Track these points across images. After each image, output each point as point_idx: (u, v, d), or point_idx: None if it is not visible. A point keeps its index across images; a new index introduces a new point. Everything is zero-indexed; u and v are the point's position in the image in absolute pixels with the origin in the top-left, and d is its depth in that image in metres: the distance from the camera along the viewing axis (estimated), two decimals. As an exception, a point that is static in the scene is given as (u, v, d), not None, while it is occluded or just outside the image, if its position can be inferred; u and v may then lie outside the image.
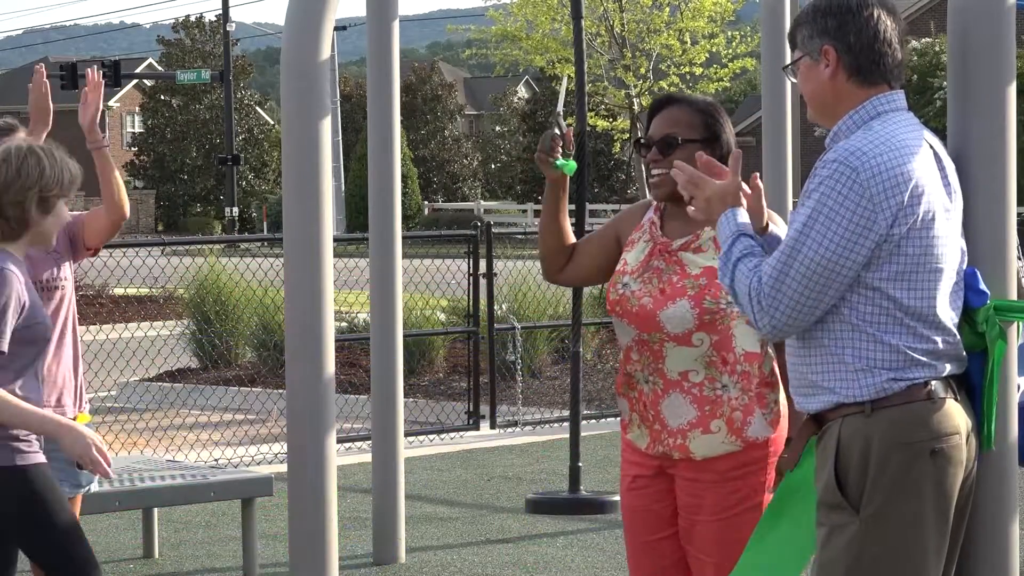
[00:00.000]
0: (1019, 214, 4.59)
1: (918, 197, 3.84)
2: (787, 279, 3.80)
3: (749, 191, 4.02)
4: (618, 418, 5.20)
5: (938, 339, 3.89)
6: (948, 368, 3.90)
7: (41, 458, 5.11)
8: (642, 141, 4.78)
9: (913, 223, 3.84)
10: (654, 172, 4.64)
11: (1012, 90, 4.13)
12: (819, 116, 4.14)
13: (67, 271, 6.13)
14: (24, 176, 5.37)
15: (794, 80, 4.19)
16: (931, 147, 4.01)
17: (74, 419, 5.64)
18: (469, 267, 13.45)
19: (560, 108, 5.14)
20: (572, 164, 5.02)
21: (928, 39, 40.94)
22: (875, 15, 3.98)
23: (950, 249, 3.94)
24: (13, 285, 5.20)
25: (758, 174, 4.11)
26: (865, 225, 3.77)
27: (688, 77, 33.44)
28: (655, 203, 4.92)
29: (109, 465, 5.25)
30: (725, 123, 4.78)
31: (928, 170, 3.93)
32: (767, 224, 4.10)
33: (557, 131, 4.93)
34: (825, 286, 3.79)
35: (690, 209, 4.13)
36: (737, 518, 4.77)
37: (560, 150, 4.93)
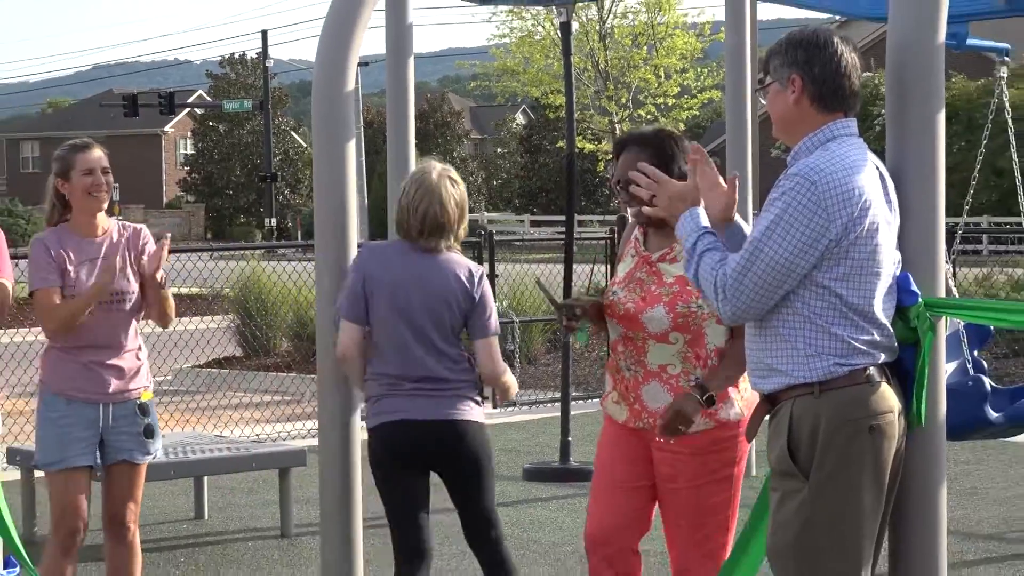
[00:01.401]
0: (947, 224, 4.64)
1: (865, 210, 3.88)
2: (749, 274, 3.83)
3: (725, 185, 4.08)
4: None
5: (875, 332, 3.94)
6: (883, 357, 3.96)
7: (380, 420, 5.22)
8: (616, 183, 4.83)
9: (860, 232, 3.87)
10: (628, 210, 4.75)
11: (941, 116, 4.16)
12: (782, 134, 4.19)
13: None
14: None
15: (764, 101, 4.22)
16: (876, 168, 4.04)
17: (139, 397, 5.76)
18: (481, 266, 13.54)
19: (558, 301, 5.19)
20: (582, 335, 5.24)
21: (869, 73, 41.01)
22: (839, 51, 4.01)
23: (888, 256, 3.96)
24: None
25: (736, 172, 4.01)
26: (820, 231, 3.80)
27: (663, 107, 33.45)
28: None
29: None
30: (675, 148, 4.72)
31: (874, 188, 3.96)
32: (734, 216, 4.15)
33: (566, 318, 5.03)
34: (781, 281, 3.83)
35: (647, 209, 4.33)
36: (709, 486, 4.80)
37: (575, 324, 5.03)
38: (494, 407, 8.40)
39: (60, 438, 5.73)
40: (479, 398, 5.44)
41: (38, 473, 7.10)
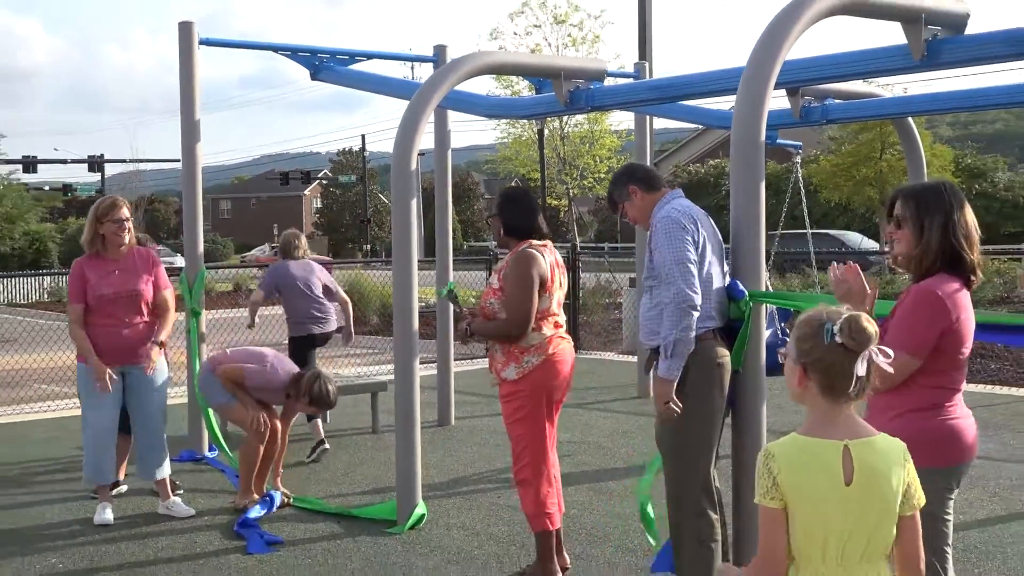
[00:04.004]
0: (767, 251, 4.27)
1: (698, 232, 3.93)
2: (674, 276, 3.81)
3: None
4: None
5: (716, 309, 3.97)
6: (719, 323, 3.99)
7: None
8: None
9: (701, 244, 3.92)
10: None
11: (762, 185, 4.08)
12: (641, 221, 4.21)
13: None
14: None
15: (625, 219, 4.27)
16: (705, 212, 4.11)
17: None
18: (487, 276, 13.31)
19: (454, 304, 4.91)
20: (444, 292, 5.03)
21: (718, 159, 41.13)
22: (641, 167, 4.26)
23: (716, 264, 3.99)
24: None
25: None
26: (688, 242, 3.86)
27: (599, 180, 33.65)
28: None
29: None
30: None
31: (704, 220, 4.02)
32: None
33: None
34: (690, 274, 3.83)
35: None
36: (509, 427, 4.54)
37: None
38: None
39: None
40: None
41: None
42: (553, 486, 4.57)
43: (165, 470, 5.73)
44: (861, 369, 2.23)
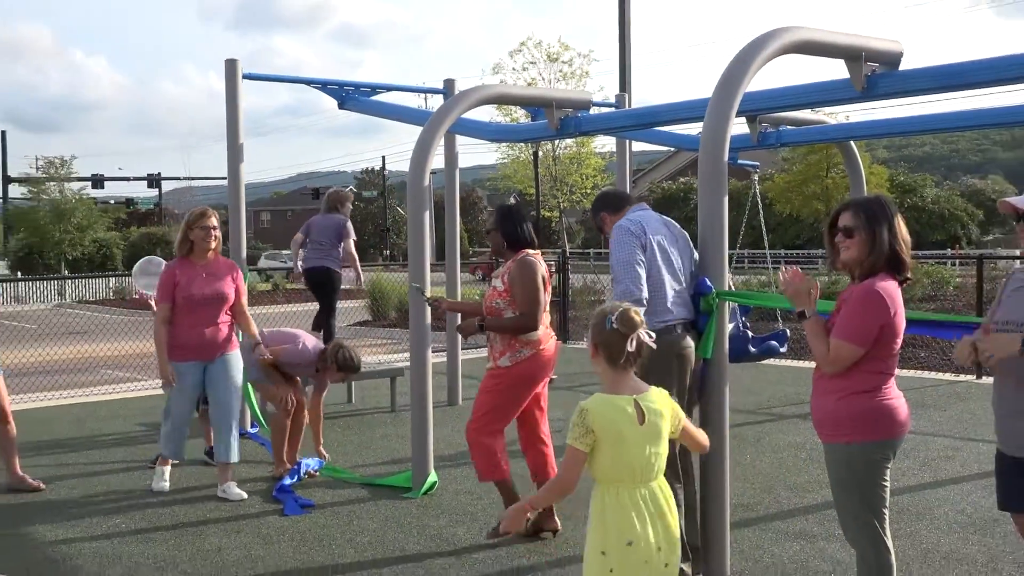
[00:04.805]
0: (730, 254, 4.18)
1: (646, 236, 3.91)
2: (621, 276, 3.84)
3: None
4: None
5: (682, 304, 3.94)
6: (685, 316, 3.95)
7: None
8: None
9: (651, 247, 3.90)
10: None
11: (725, 200, 3.95)
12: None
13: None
14: None
15: (606, 233, 4.20)
16: (666, 221, 4.08)
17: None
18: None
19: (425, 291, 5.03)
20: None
21: (688, 177, 40.96)
22: (617, 192, 4.32)
23: (676, 263, 3.94)
24: None
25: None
26: (636, 246, 3.87)
27: (585, 195, 33.57)
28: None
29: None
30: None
31: (657, 228, 3.98)
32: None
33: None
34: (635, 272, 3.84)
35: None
36: (481, 393, 4.57)
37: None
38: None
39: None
40: None
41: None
42: (502, 441, 4.57)
43: (233, 455, 5.44)
44: (631, 347, 2.72)
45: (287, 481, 5.60)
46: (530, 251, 4.61)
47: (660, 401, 2.79)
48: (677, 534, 2.75)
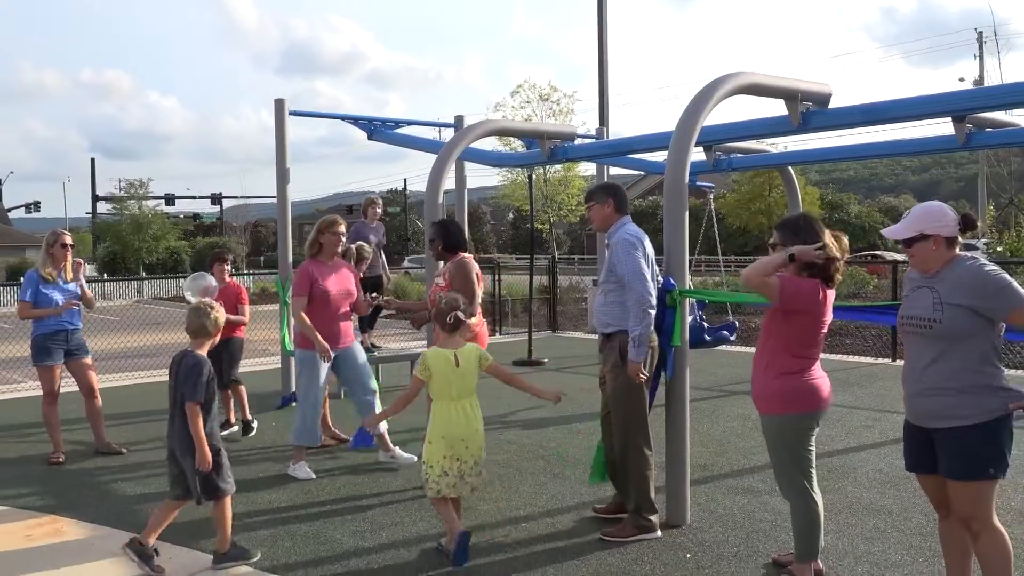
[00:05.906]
0: (690, 260, 4.00)
1: (645, 249, 3.77)
2: (634, 284, 3.64)
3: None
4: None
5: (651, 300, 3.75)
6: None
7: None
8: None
9: (647, 257, 3.77)
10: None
11: (686, 215, 3.85)
12: (598, 228, 3.92)
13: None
14: None
15: (588, 219, 3.92)
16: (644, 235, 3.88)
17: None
18: (493, 278, 13.18)
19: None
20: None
21: (655, 196, 40.76)
22: (617, 189, 3.91)
23: (653, 270, 3.80)
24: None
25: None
26: (641, 256, 3.70)
27: (571, 210, 33.57)
28: None
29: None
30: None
31: (647, 241, 3.84)
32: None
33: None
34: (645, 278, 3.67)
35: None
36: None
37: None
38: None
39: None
40: None
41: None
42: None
43: (382, 425, 5.06)
44: (451, 320, 3.58)
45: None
46: (465, 254, 4.62)
47: (470, 353, 3.62)
48: (479, 431, 3.61)
